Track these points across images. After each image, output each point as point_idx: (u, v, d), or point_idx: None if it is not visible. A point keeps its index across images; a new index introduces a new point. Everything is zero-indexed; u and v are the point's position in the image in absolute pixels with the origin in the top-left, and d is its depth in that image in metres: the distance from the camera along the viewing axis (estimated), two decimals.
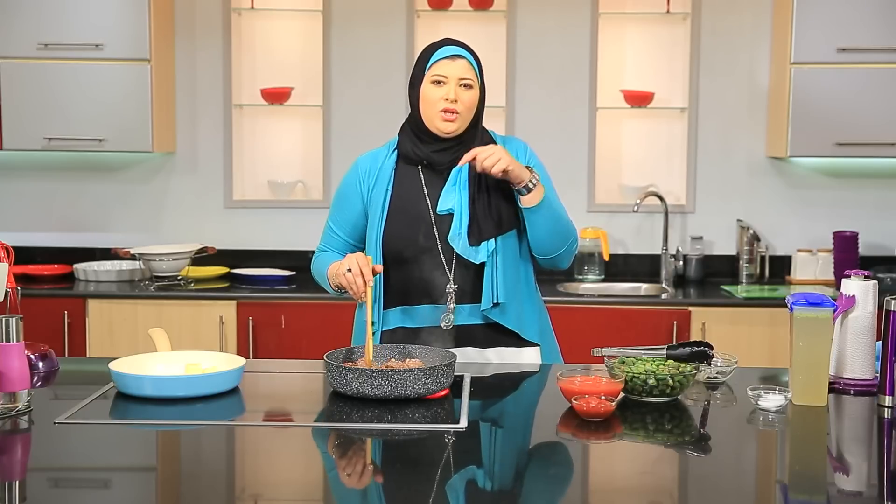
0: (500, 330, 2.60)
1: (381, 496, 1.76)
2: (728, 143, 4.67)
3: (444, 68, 2.53)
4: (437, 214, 2.57)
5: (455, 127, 2.54)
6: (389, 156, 2.64)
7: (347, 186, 2.67)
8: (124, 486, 1.84)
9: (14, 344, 2.12)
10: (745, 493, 1.81)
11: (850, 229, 4.57)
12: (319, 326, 4.12)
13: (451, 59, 2.54)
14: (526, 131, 4.60)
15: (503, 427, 2.19)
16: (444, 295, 2.56)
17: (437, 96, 2.53)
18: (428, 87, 2.54)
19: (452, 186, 2.56)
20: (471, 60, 2.56)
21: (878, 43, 4.25)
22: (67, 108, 4.38)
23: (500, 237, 2.55)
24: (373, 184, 2.62)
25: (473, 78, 2.55)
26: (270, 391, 2.47)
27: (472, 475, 1.84)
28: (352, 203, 2.65)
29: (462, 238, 2.53)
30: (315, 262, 2.70)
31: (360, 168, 2.66)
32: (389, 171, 2.62)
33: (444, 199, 2.56)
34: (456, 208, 2.54)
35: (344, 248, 2.67)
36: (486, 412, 2.25)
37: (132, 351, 2.70)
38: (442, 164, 2.59)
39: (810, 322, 2.23)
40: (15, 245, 2.78)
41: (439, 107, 2.52)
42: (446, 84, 2.53)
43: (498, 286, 2.54)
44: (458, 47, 2.57)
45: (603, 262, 4.64)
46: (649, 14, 4.66)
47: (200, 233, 4.74)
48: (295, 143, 4.79)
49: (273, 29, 4.74)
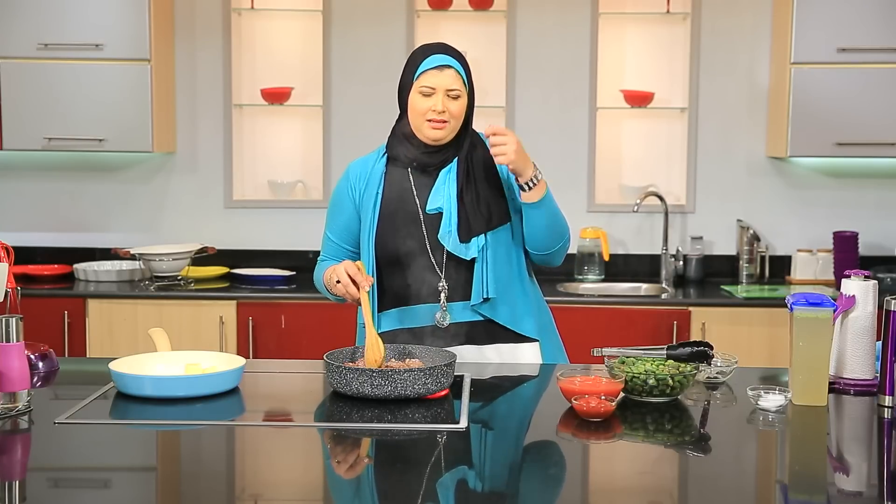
0: (497, 326, 2.60)
1: (381, 496, 1.76)
2: (728, 143, 4.67)
3: (431, 79, 2.53)
4: (426, 214, 2.58)
5: (442, 135, 2.55)
6: (379, 160, 2.66)
7: (339, 194, 2.70)
8: (124, 486, 1.84)
9: (14, 344, 2.12)
10: (745, 493, 1.81)
11: (850, 229, 4.57)
12: (319, 326, 4.12)
13: (440, 69, 2.53)
14: (526, 131, 4.60)
15: (503, 427, 2.19)
16: (437, 294, 2.57)
17: (424, 107, 2.53)
18: (416, 96, 2.55)
19: (442, 186, 2.58)
20: (459, 69, 2.54)
21: (878, 43, 4.25)
22: (67, 108, 4.38)
23: (491, 232, 2.56)
24: (363, 188, 2.64)
25: (461, 87, 2.54)
26: (270, 391, 2.47)
27: (473, 475, 1.85)
28: (345, 209, 2.67)
29: (452, 235, 2.54)
30: (315, 273, 2.73)
31: (351, 174, 2.68)
32: (379, 175, 2.63)
33: (434, 198, 2.58)
34: (445, 206, 2.56)
35: (342, 255, 2.69)
36: (487, 412, 2.25)
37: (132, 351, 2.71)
38: (431, 166, 2.60)
39: (810, 322, 2.23)
40: (15, 245, 2.79)
41: (427, 116, 2.54)
42: (434, 95, 2.53)
43: (488, 281, 2.54)
44: (446, 56, 2.55)
45: (603, 262, 4.64)
46: (649, 14, 4.66)
47: (200, 233, 4.74)
48: (295, 143, 4.80)
49: (273, 29, 4.74)
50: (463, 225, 2.54)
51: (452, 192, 2.56)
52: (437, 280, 2.57)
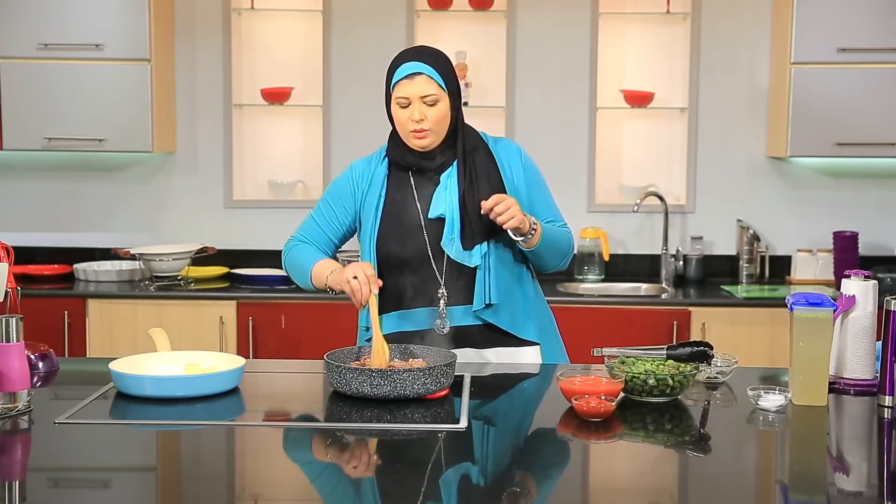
0: (497, 330, 2.59)
1: (381, 496, 1.76)
2: (728, 143, 4.67)
3: (404, 89, 2.50)
4: (428, 220, 2.57)
5: (427, 142, 2.54)
6: (381, 162, 2.65)
7: (341, 187, 2.68)
8: (124, 486, 1.84)
9: (14, 344, 2.12)
10: (745, 493, 1.81)
11: (850, 229, 4.57)
12: (319, 326, 4.12)
13: (410, 78, 2.50)
14: (526, 131, 4.61)
15: (503, 427, 2.19)
16: (436, 299, 2.56)
17: (404, 118, 2.52)
18: (395, 108, 2.54)
19: (444, 191, 2.56)
20: (430, 74, 2.50)
21: (878, 43, 4.25)
22: (67, 108, 4.38)
23: (494, 240, 2.55)
24: (366, 189, 2.63)
25: (436, 91, 2.50)
26: (270, 391, 2.47)
27: (472, 475, 1.85)
28: (343, 203, 2.66)
29: (455, 243, 2.53)
30: (293, 252, 2.68)
31: (356, 172, 2.67)
32: (382, 178, 2.62)
33: (436, 204, 2.56)
34: (447, 213, 2.54)
35: (324, 244, 2.67)
36: (486, 412, 2.25)
37: (132, 351, 2.71)
38: (431, 169, 2.59)
39: (810, 322, 2.23)
40: (15, 245, 2.79)
41: (409, 127, 2.52)
42: (410, 104, 2.51)
43: (490, 287, 2.53)
44: (416, 62, 2.51)
45: (603, 262, 4.64)
46: (649, 14, 4.66)
47: (200, 233, 4.74)
48: (295, 143, 4.79)
49: (273, 29, 4.74)
50: (466, 232, 2.53)
51: (454, 198, 2.55)
52: (436, 286, 2.56)
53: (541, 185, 2.68)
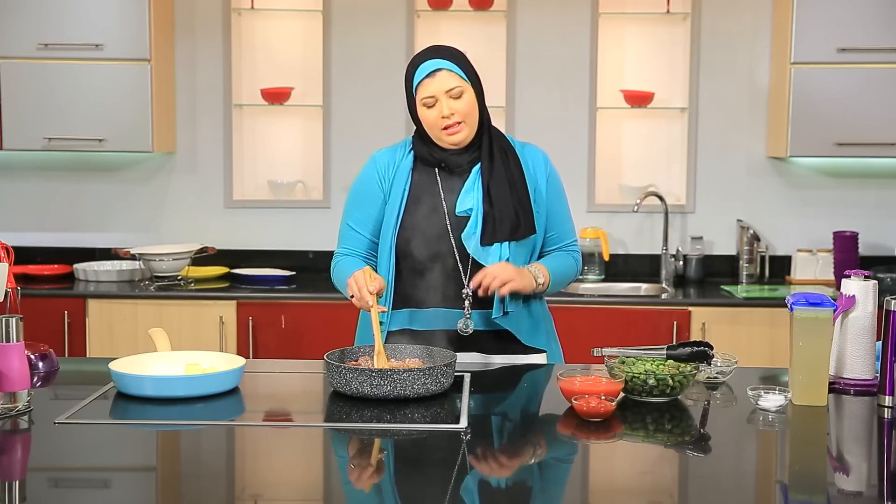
0: (507, 337, 2.58)
1: (380, 496, 1.76)
2: (728, 143, 4.67)
3: (428, 88, 2.50)
4: (454, 217, 2.54)
5: (463, 136, 2.52)
6: (406, 155, 2.61)
7: (367, 183, 2.62)
8: (124, 486, 1.84)
9: (14, 344, 2.12)
10: (745, 493, 1.81)
11: (850, 229, 4.57)
12: (319, 326, 4.12)
13: (431, 76, 2.50)
14: (526, 131, 4.60)
15: (503, 427, 2.19)
16: (457, 299, 2.53)
17: (433, 117, 2.51)
18: (423, 110, 2.52)
19: (471, 189, 2.54)
20: (451, 67, 2.50)
21: (878, 43, 4.25)
22: (67, 108, 4.38)
23: (514, 244, 2.54)
24: (392, 179, 2.58)
25: (459, 83, 2.50)
26: (270, 391, 2.47)
27: (472, 475, 1.85)
28: (373, 198, 2.60)
29: (475, 237, 2.51)
30: (336, 269, 2.62)
31: (379, 163, 2.62)
32: (407, 171, 2.58)
33: (463, 200, 2.54)
34: (474, 208, 2.53)
35: (367, 246, 2.61)
36: (486, 412, 2.25)
37: (132, 351, 2.71)
38: (460, 166, 2.57)
39: (810, 322, 2.23)
40: (15, 245, 2.78)
41: (440, 125, 2.51)
42: (437, 102, 2.50)
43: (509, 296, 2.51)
44: (435, 59, 2.51)
45: (603, 262, 4.64)
46: (649, 14, 4.66)
47: (200, 233, 4.74)
48: (295, 143, 4.79)
49: (273, 29, 4.74)
50: (487, 228, 2.51)
51: (480, 196, 2.53)
52: (459, 286, 2.54)
53: (561, 199, 2.68)
